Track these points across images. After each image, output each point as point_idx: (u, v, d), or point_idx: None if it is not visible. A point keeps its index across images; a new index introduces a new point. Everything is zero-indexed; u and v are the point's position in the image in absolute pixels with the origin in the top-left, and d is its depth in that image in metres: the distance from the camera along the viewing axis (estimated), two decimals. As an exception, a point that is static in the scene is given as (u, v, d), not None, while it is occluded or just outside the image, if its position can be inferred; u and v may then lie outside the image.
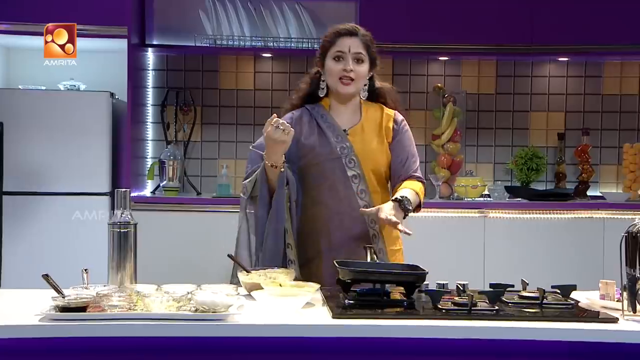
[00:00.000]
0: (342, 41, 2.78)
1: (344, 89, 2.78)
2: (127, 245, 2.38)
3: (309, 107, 2.88)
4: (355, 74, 2.77)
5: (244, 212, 2.77)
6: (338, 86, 2.78)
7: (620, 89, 5.57)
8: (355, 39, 2.78)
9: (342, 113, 2.86)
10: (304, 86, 2.94)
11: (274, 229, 2.69)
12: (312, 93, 2.89)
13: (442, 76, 5.51)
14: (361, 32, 2.82)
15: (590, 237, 4.90)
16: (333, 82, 2.80)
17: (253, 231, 2.74)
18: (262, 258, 2.69)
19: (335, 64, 2.77)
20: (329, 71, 2.79)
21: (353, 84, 2.78)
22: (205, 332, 1.98)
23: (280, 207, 2.69)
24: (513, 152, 5.54)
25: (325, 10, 5.39)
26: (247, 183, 2.75)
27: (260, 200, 2.71)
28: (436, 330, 2.03)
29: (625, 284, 2.18)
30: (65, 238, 4.78)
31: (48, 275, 2.13)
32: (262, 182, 2.69)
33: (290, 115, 2.87)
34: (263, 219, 2.71)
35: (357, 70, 2.77)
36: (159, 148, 5.44)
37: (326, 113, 2.85)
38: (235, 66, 5.51)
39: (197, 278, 2.62)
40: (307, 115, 2.86)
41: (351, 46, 2.77)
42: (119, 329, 1.97)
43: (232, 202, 4.97)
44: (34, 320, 1.99)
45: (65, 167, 4.83)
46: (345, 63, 2.76)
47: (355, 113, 2.87)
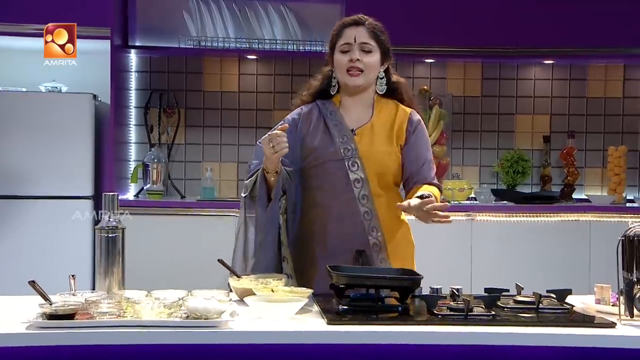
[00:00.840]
0: (347, 32, 2.68)
1: (352, 80, 2.67)
2: (115, 250, 2.32)
3: (320, 102, 2.77)
4: (364, 65, 2.65)
5: (243, 213, 2.68)
6: (346, 78, 2.67)
7: (604, 91, 5.58)
8: (361, 28, 2.67)
9: (353, 110, 2.74)
10: (315, 82, 2.82)
11: (266, 241, 2.62)
12: (323, 90, 2.78)
13: (427, 79, 5.50)
14: (368, 21, 2.70)
15: (576, 240, 4.91)
16: (341, 74, 2.69)
17: (252, 232, 2.65)
18: (255, 270, 2.59)
19: (342, 56, 2.67)
20: (337, 64, 2.69)
21: (362, 76, 2.66)
22: (198, 339, 1.93)
23: (273, 220, 2.63)
24: (499, 154, 5.53)
25: (311, 12, 5.36)
26: (247, 182, 2.67)
27: (259, 201, 2.63)
28: (433, 336, 2.00)
29: (622, 289, 2.16)
30: (47, 243, 4.70)
31: (35, 282, 2.07)
32: (261, 185, 2.62)
33: (299, 111, 2.78)
34: (262, 219, 2.63)
35: (365, 61, 2.65)
36: (142, 151, 5.37)
37: (336, 110, 2.74)
38: (220, 68, 5.46)
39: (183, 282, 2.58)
40: (316, 111, 2.75)
41: (357, 36, 2.65)
42: (109, 337, 1.91)
43: (217, 205, 4.94)
44: (21, 328, 1.93)
45: (47, 170, 4.75)
46: (352, 54, 2.65)
47: (366, 110, 2.74)
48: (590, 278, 4.73)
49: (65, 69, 4.96)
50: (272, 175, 2.59)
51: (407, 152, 2.71)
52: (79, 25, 4.75)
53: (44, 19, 4.75)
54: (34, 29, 4.84)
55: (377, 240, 2.64)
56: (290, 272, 2.64)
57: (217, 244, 4.70)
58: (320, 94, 2.79)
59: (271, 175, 2.59)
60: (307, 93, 2.82)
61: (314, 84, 2.82)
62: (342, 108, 2.75)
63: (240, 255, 2.66)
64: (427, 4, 5.16)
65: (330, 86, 2.76)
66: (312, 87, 2.82)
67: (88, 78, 5.09)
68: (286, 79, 5.47)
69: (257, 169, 2.65)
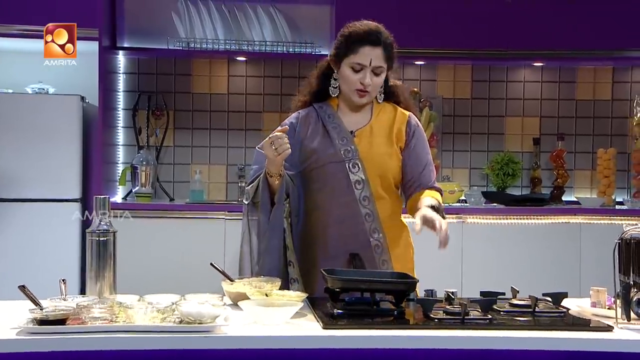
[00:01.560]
0: (364, 51, 2.57)
1: (359, 100, 2.64)
2: (107, 254, 2.28)
3: (317, 105, 2.73)
4: (372, 87, 2.62)
5: (246, 220, 2.64)
6: (353, 96, 2.64)
7: (593, 94, 5.59)
8: (379, 50, 2.58)
9: (351, 113, 2.70)
10: (314, 81, 2.77)
11: (271, 246, 2.59)
12: (323, 89, 2.73)
13: (417, 81, 5.48)
14: (384, 41, 2.60)
15: (567, 242, 4.90)
16: (348, 90, 2.64)
17: (256, 238, 2.62)
18: (260, 274, 2.55)
19: (352, 74, 2.60)
20: (345, 79, 2.63)
21: (368, 95, 2.63)
22: (192, 344, 1.90)
23: (277, 224, 2.59)
24: (489, 157, 5.53)
25: (301, 14, 5.34)
26: (249, 188, 2.64)
27: (262, 207, 2.60)
28: (430, 340, 1.98)
29: (619, 292, 2.15)
30: (34, 246, 4.65)
31: (25, 287, 2.04)
32: (263, 189, 2.58)
33: (297, 115, 2.75)
34: (265, 225, 2.60)
35: (374, 82, 2.61)
36: (131, 153, 5.33)
37: (334, 113, 2.70)
38: (209, 70, 5.43)
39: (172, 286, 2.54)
40: (314, 114, 2.72)
41: (373, 59, 2.57)
42: (101, 342, 1.88)
43: (206, 208, 4.91)
44: (11, 334, 1.89)
45: (34, 172, 4.70)
46: (364, 76, 2.58)
47: (365, 114, 2.71)
48: (581, 280, 4.74)
49: (53, 71, 4.91)
50: (276, 179, 2.56)
51: (408, 156, 2.68)
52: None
53: (30, 20, 4.72)
54: (20, 30, 4.81)
55: (379, 242, 2.61)
56: (297, 277, 2.61)
57: (206, 247, 4.73)
58: (319, 92, 2.75)
59: (275, 178, 2.56)
60: (308, 91, 2.77)
61: (313, 82, 2.77)
62: (340, 111, 2.72)
63: (247, 264, 2.62)
64: (417, 5, 5.14)
65: (331, 87, 2.71)
66: (313, 87, 2.77)
67: (76, 79, 5.04)
68: (276, 80, 5.44)
69: (257, 175, 2.62)
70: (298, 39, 5.27)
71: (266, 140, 2.48)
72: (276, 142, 2.45)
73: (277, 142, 2.45)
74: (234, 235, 4.61)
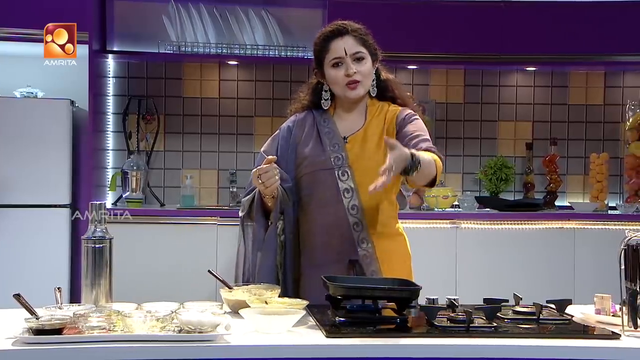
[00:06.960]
0: (334, 45, 2.57)
1: (353, 93, 2.58)
2: (103, 261, 2.23)
3: (315, 110, 2.69)
4: (360, 75, 2.56)
5: (241, 232, 2.61)
6: (346, 92, 2.58)
7: (585, 99, 5.58)
8: (348, 37, 2.56)
9: (347, 117, 2.65)
10: (304, 96, 2.73)
11: (265, 265, 2.54)
12: (315, 104, 2.69)
13: (410, 85, 5.46)
14: (351, 28, 2.58)
15: (560, 247, 4.89)
16: (340, 89, 2.59)
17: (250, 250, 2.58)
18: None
19: (336, 72, 2.57)
20: (333, 80, 2.59)
21: (360, 86, 2.57)
22: (193, 354, 1.85)
23: (270, 246, 2.55)
24: (482, 162, 5.50)
25: (293, 17, 5.31)
26: (244, 200, 2.60)
27: (256, 222, 2.57)
28: (436, 349, 1.94)
29: (625, 299, 2.11)
30: (23, 252, 4.58)
31: (20, 295, 1.98)
32: (257, 209, 2.56)
33: (294, 118, 2.71)
34: (260, 236, 2.56)
35: (360, 70, 2.56)
36: (121, 158, 5.26)
37: (329, 118, 2.65)
38: (200, 74, 5.38)
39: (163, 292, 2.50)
40: (310, 118, 2.67)
41: (346, 47, 2.55)
42: (99, 353, 1.82)
43: (197, 213, 4.86)
44: (7, 344, 1.83)
45: (23, 178, 4.65)
46: (347, 67, 2.55)
47: (359, 117, 2.65)
48: (575, 285, 4.72)
49: (41, 74, 4.85)
50: (269, 200, 2.53)
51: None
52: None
53: (18, 22, 4.66)
54: (6, 33, 4.75)
55: (367, 252, 2.54)
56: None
57: (197, 253, 4.68)
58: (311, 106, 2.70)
59: (268, 200, 2.53)
60: (299, 106, 2.73)
61: (302, 98, 2.73)
62: (336, 116, 2.68)
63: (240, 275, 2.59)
64: (409, 10, 5.14)
65: (322, 99, 2.66)
66: (303, 102, 2.72)
67: (65, 83, 4.98)
68: (267, 85, 5.40)
69: (254, 187, 2.57)
70: (290, 42, 5.23)
71: (254, 172, 2.43)
72: (263, 177, 2.41)
73: (264, 176, 2.41)
74: (225, 240, 4.58)
